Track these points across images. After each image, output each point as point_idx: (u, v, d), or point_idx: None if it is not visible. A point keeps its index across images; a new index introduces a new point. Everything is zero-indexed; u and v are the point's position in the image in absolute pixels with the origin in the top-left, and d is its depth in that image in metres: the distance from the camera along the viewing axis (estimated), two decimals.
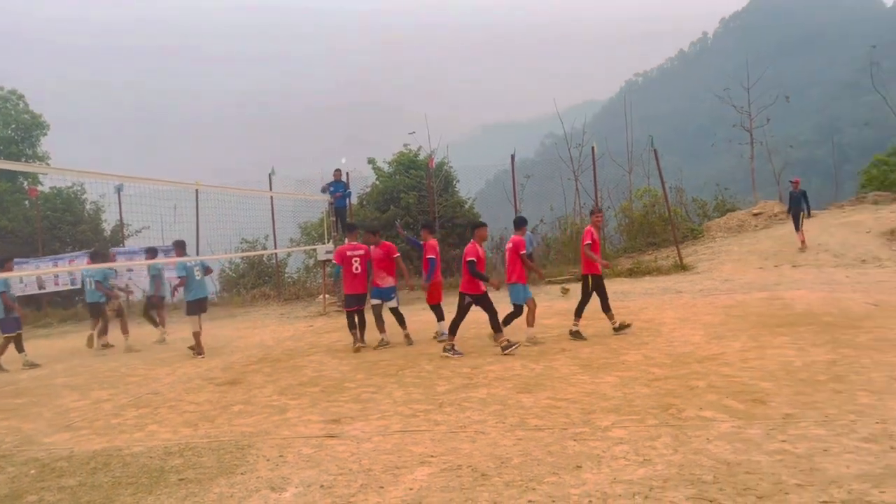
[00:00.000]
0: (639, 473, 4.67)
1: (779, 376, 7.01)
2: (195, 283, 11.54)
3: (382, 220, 21.67)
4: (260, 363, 10.27)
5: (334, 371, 9.15)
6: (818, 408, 5.85)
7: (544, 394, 6.99)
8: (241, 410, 7.36)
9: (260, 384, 8.69)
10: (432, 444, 5.63)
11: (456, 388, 7.59)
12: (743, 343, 8.78)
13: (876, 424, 5.28)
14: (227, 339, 13.36)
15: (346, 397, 7.59)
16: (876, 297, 11.64)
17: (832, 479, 4.32)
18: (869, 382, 6.50)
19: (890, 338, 8.40)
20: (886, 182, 25.05)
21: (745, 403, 6.15)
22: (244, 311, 18.12)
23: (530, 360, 8.66)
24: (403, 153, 23.44)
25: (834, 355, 7.71)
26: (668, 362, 8.03)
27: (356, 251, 10.84)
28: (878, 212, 20.61)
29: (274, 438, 6.18)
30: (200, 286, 11.66)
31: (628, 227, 21.58)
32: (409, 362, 9.26)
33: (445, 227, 21.43)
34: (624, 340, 9.59)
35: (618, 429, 5.67)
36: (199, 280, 11.65)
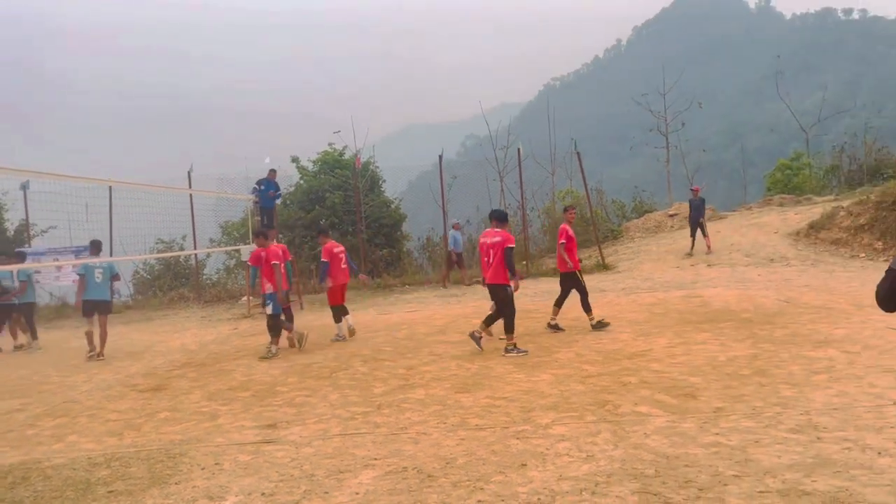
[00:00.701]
0: (583, 469, 4.74)
1: (706, 371, 7.27)
2: (93, 284, 11.34)
3: (307, 220, 21.35)
4: (184, 368, 9.90)
5: (264, 375, 8.90)
6: (745, 401, 6.10)
7: (482, 393, 7.01)
8: (169, 417, 7.06)
9: (186, 390, 8.37)
10: (375, 447, 5.55)
11: (393, 389, 7.52)
12: (669, 339, 9.07)
13: (801, 416, 5.54)
14: (146, 343, 12.82)
15: (279, 401, 7.40)
16: (786, 294, 12.27)
17: (766, 469, 4.50)
18: (790, 375, 6.83)
19: (803, 333, 8.86)
20: (790, 185, 26.50)
21: (676, 398, 6.35)
22: (162, 315, 17.43)
23: (465, 361, 8.68)
24: (328, 152, 23.15)
25: (755, 350, 8.07)
26: (600, 359, 8.21)
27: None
28: (784, 213, 21.74)
29: (207, 446, 5.95)
30: (97, 288, 11.42)
31: (551, 227, 21.96)
32: (342, 364, 9.12)
33: (372, 227, 21.28)
34: (555, 338, 9.75)
35: (558, 426, 5.75)
36: (100, 282, 11.44)
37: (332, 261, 11.17)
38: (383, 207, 22.18)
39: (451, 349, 9.49)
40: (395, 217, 22.44)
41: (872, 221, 16.99)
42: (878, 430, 5.06)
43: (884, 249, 16.02)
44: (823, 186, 26.41)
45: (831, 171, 26.82)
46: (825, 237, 17.95)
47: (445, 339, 10.37)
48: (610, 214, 24.46)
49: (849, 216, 17.91)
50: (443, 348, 9.61)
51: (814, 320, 9.62)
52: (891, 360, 7.05)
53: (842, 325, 9.10)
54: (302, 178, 23.06)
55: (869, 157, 25.08)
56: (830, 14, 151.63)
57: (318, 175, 22.73)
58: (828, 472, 4.37)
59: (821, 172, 27.33)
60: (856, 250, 16.62)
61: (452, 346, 9.74)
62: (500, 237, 8.97)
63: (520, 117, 65.31)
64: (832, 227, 18.05)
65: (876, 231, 16.70)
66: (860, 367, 6.90)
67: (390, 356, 9.39)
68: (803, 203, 23.20)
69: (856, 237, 17.09)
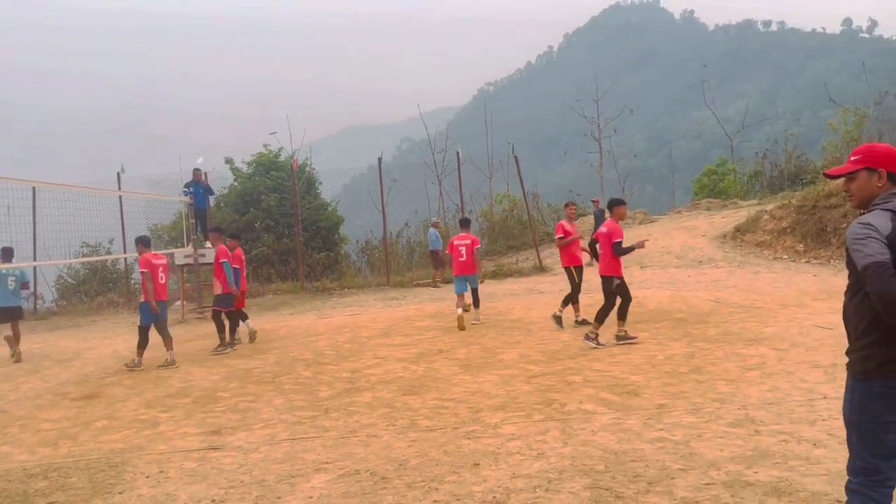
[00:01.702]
0: (535, 467, 4.82)
1: (646, 369, 7.49)
2: (5, 291, 11.40)
3: (242, 222, 20.94)
4: (118, 375, 9.56)
5: (204, 380, 8.69)
6: (686, 397, 6.31)
7: (430, 395, 7.04)
8: (106, 426, 6.81)
9: (122, 397, 8.09)
10: (325, 451, 5.50)
11: (339, 393, 7.46)
12: (609, 339, 9.28)
13: (738, 410, 5.77)
14: (75, 350, 12.32)
15: (222, 407, 7.25)
16: (716, 294, 12.74)
17: (710, 462, 4.68)
18: (725, 372, 7.10)
19: (734, 331, 9.23)
20: (716, 190, 27.52)
21: (620, 396, 6.52)
22: (90, 321, 16.78)
23: (410, 363, 8.68)
24: (263, 154, 22.78)
25: (691, 349, 8.35)
26: (544, 359, 8.35)
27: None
28: (711, 217, 22.56)
29: (150, 454, 5.78)
30: (8, 296, 11.47)
31: (489, 230, 22.20)
32: (285, 369, 8.98)
33: (309, 230, 21.04)
34: (498, 340, 9.86)
35: (508, 425, 5.82)
36: (12, 289, 11.52)
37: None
38: (320, 210, 21.97)
39: (395, 352, 9.47)
40: (333, 220, 22.26)
41: (794, 225, 17.79)
42: (811, 422, 5.32)
43: (805, 251, 16.81)
44: (747, 191, 27.54)
45: (754, 176, 27.99)
46: (750, 240, 18.70)
47: (389, 341, 10.34)
48: (545, 218, 24.85)
49: (772, 220, 18.72)
50: (387, 351, 9.59)
51: (744, 319, 10.02)
52: (818, 356, 7.41)
53: (770, 323, 9.52)
54: (236, 179, 22.61)
55: (789, 164, 26.30)
56: (751, 26, 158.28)
57: (252, 177, 22.34)
58: (768, 463, 4.57)
59: (745, 178, 28.49)
60: (779, 252, 17.37)
61: (396, 348, 9.73)
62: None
63: (455, 121, 65.84)
64: (757, 230, 18.83)
65: (797, 234, 17.50)
66: (790, 364, 7.23)
67: (333, 360, 9.30)
68: (729, 207, 24.13)
69: (779, 240, 17.87)
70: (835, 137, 24.89)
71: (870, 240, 2.79)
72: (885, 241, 2.77)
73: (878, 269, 2.73)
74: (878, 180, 2.98)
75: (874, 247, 2.77)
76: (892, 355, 2.85)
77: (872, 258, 2.75)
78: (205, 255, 15.10)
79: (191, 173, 16.47)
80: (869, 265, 2.76)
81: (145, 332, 10.02)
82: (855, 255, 2.84)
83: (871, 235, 2.80)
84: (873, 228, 2.81)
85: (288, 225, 21.18)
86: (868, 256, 2.77)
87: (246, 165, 22.76)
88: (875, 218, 2.87)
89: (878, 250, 2.75)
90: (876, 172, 2.99)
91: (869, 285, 2.77)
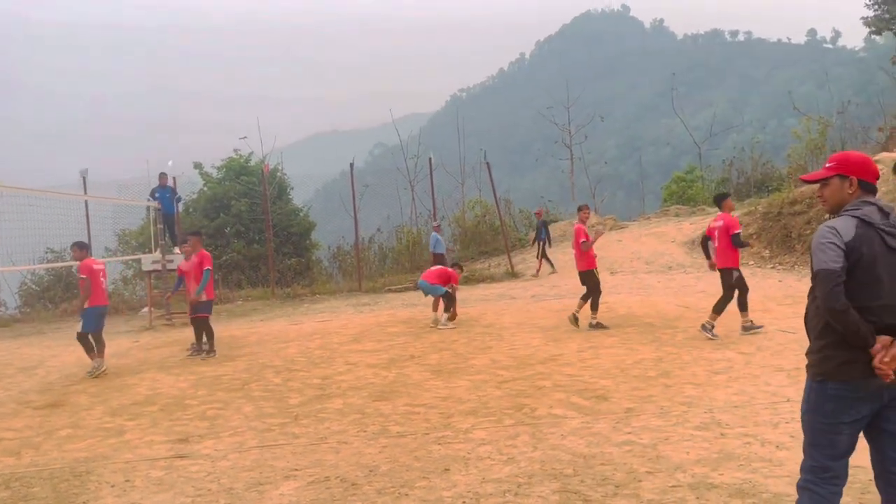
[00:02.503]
0: (505, 471, 4.84)
1: (615, 374, 7.57)
2: None
3: (211, 228, 20.74)
4: (83, 383, 9.38)
5: (171, 388, 8.58)
6: (654, 401, 6.39)
7: (401, 400, 7.03)
8: (71, 435, 6.69)
9: (87, 406, 7.94)
10: (294, 458, 5.47)
11: (309, 399, 7.42)
12: (578, 344, 9.38)
13: (705, 414, 5.86)
14: (39, 358, 12.08)
15: (189, 415, 7.15)
16: (684, 299, 12.91)
17: (676, 465, 4.74)
18: (693, 376, 7.21)
19: (702, 336, 9.35)
20: (685, 196, 27.92)
21: (589, 400, 6.58)
22: (54, 328, 16.45)
23: (381, 369, 8.67)
24: (234, 158, 22.60)
25: (659, 353, 8.46)
26: (514, 364, 8.39)
27: None
28: (680, 223, 22.87)
29: (115, 463, 5.69)
30: None
31: (461, 236, 22.26)
32: (254, 376, 8.90)
33: (280, 235, 20.90)
34: (470, 345, 9.87)
35: (478, 430, 5.84)
36: None
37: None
38: (292, 215, 21.85)
39: (366, 358, 9.44)
40: (304, 225, 22.14)
41: (760, 231, 18.11)
42: (774, 425, 5.42)
43: (770, 257, 17.12)
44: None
45: (722, 183, 28.39)
46: None
47: (360, 347, 10.30)
48: (517, 224, 24.98)
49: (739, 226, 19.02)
50: (358, 357, 9.55)
51: None
52: (782, 360, 7.55)
53: (736, 328, 9.66)
54: (206, 184, 22.40)
55: (755, 171, 26.78)
56: (719, 35, 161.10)
57: (222, 182, 22.15)
58: (732, 465, 4.65)
59: (713, 184, 28.91)
60: (745, 258, 17.58)
61: (368, 354, 9.70)
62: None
63: (428, 127, 65.90)
64: None
65: (763, 240, 17.81)
66: (756, 367, 7.36)
67: (304, 366, 9.24)
68: (697, 213, 24.48)
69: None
70: (799, 145, 25.41)
71: (828, 246, 2.93)
72: (843, 247, 2.91)
73: (825, 276, 2.91)
74: (849, 187, 3.10)
75: (829, 254, 2.91)
76: (848, 358, 2.95)
77: (825, 265, 2.92)
78: (172, 261, 14.92)
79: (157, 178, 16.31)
80: (819, 271, 2.93)
81: (85, 338, 9.85)
82: (812, 258, 2.99)
83: (831, 241, 2.93)
84: (836, 234, 2.94)
85: (258, 230, 21.03)
86: (821, 262, 2.93)
87: (216, 170, 22.56)
88: (841, 223, 3.00)
89: (832, 258, 2.90)
90: (847, 179, 3.11)
91: (816, 290, 2.96)
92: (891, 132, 22.10)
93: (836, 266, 2.89)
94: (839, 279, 2.89)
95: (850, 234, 2.94)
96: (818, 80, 70.96)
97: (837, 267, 2.89)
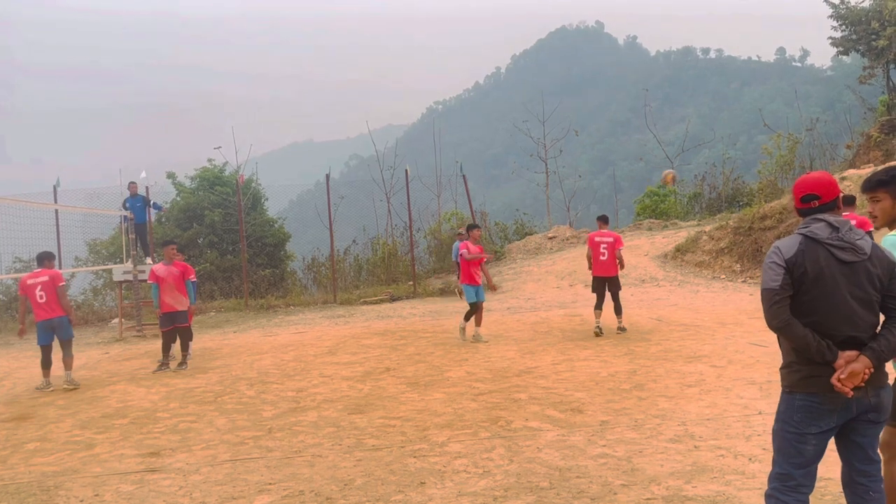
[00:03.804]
0: (481, 485, 4.84)
1: (589, 386, 7.61)
2: None
3: (184, 238, 20.50)
4: (51, 395, 9.20)
5: (143, 400, 8.45)
6: (628, 414, 6.43)
7: (376, 413, 6.99)
8: (38, 448, 6.55)
9: (55, 418, 7.80)
10: (268, 472, 5.41)
11: (283, 412, 7.35)
12: (553, 357, 9.41)
13: (678, 426, 5.91)
14: (6, 369, 11.86)
15: (161, 428, 7.05)
16: (657, 312, 13.04)
17: (651, 477, 4.78)
18: (666, 389, 7.27)
19: (675, 349, 9.46)
20: (657, 211, 28.20)
21: (564, 413, 6.61)
22: (23, 339, 16.10)
23: (357, 381, 8.62)
24: (207, 168, 22.41)
25: (633, 366, 8.52)
26: (490, 377, 8.40)
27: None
28: (652, 237, 23.10)
29: (84, 476, 5.58)
30: None
31: (437, 248, 22.25)
32: (227, 388, 8.80)
33: (254, 246, 20.74)
34: (445, 357, 9.86)
35: (454, 443, 5.83)
36: None
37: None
38: (266, 226, 21.70)
39: (341, 370, 9.39)
40: (279, 236, 22.00)
41: (731, 245, 18.37)
42: (747, 437, 5.49)
43: (741, 271, 17.37)
44: (687, 212, 28.28)
45: (694, 198, 28.77)
46: (690, 259, 19.22)
47: (335, 359, 10.24)
48: (493, 236, 25.04)
49: (710, 240, 19.29)
50: (332, 369, 9.50)
51: (683, 337, 10.28)
52: (754, 373, 7.65)
53: (708, 341, 9.79)
54: (179, 194, 22.17)
55: (727, 186, 27.15)
56: (690, 52, 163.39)
57: (196, 192, 21.93)
58: (706, 478, 4.69)
59: (685, 199, 29.26)
60: (717, 272, 17.90)
61: (343, 367, 9.64)
62: (612, 237, 11.17)
63: (404, 139, 65.94)
64: (696, 251, 19.37)
65: (734, 254, 18.07)
66: (727, 380, 7.45)
67: (278, 378, 9.17)
68: (670, 227, 24.75)
69: (717, 259, 18.42)
70: (769, 161, 25.82)
71: (768, 266, 3.14)
72: (783, 265, 3.08)
73: (764, 294, 3.13)
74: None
75: (769, 273, 3.12)
76: (813, 372, 3.06)
77: (764, 284, 3.13)
78: (144, 272, 14.72)
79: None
80: (761, 291, 3.15)
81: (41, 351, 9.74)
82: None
83: (772, 260, 3.13)
84: (778, 253, 3.12)
85: (232, 241, 20.85)
86: (763, 282, 3.15)
87: (189, 180, 22.35)
88: (785, 241, 3.17)
89: (772, 277, 3.10)
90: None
91: (762, 307, 3.15)
92: (857, 149, 22.59)
93: (775, 284, 3.08)
94: (777, 297, 3.07)
95: (791, 251, 3.10)
96: (787, 98, 72.37)
97: (776, 285, 3.08)
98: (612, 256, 11.02)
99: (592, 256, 11.26)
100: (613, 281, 11.08)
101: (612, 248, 11.04)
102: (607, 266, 11.04)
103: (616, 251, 11.02)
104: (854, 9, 23.17)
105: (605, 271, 11.05)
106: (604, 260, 11.05)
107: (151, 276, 10.66)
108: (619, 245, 11.12)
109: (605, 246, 11.07)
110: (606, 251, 11.05)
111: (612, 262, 11.02)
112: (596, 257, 11.16)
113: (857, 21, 22.95)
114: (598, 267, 11.12)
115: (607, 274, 11.04)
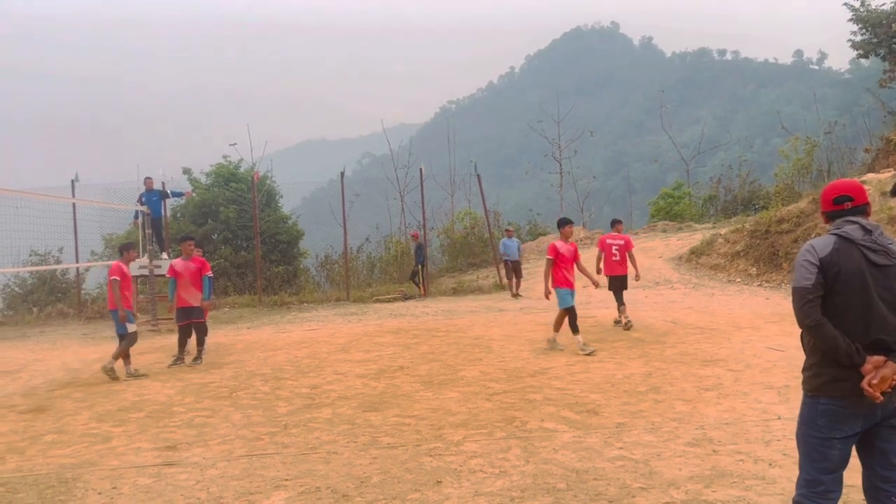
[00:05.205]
0: (497, 485, 4.81)
1: (605, 388, 7.57)
2: None
3: (199, 234, 20.60)
4: (68, 388, 9.27)
5: (158, 394, 8.49)
6: (644, 416, 6.39)
7: (391, 411, 6.99)
8: (56, 440, 6.59)
9: (72, 411, 7.84)
10: (284, 468, 5.41)
11: (298, 409, 7.36)
12: (568, 358, 9.37)
13: (696, 430, 5.87)
14: (22, 361, 11.93)
15: (177, 422, 7.08)
16: (672, 315, 12.96)
17: (670, 481, 4.74)
18: (682, 392, 7.22)
19: (690, 352, 9.39)
20: (672, 213, 28.08)
21: (580, 414, 6.57)
22: (38, 331, 16.28)
23: (371, 379, 8.62)
24: (223, 165, 22.52)
25: (648, 368, 8.47)
26: (504, 377, 8.37)
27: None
28: (667, 239, 23.01)
29: (102, 469, 5.61)
30: None
31: (450, 247, 22.26)
32: (242, 384, 8.83)
33: (268, 242, 20.81)
34: (459, 356, 9.85)
35: (469, 443, 5.81)
36: None
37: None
38: (280, 223, 21.77)
39: (355, 368, 9.39)
40: (293, 233, 22.07)
41: (747, 248, 18.24)
42: (766, 442, 5.44)
43: (757, 275, 17.23)
44: (702, 214, 28.16)
45: (709, 200, 28.65)
46: (705, 262, 19.11)
47: (349, 357, 10.26)
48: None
49: (726, 243, 19.17)
50: (346, 367, 9.51)
51: (699, 340, 10.21)
52: (772, 378, 7.59)
53: (724, 345, 9.71)
54: (194, 190, 22.28)
55: (743, 189, 27.02)
56: (707, 54, 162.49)
57: (211, 188, 22.04)
58: (725, 482, 4.65)
59: (700, 201, 29.13)
60: (732, 275, 17.78)
61: (356, 364, 9.65)
62: (623, 239, 12.07)
63: (417, 138, 65.94)
64: (711, 253, 19.25)
65: (750, 257, 17.94)
66: (745, 384, 7.39)
67: (292, 375, 9.18)
68: (684, 230, 24.64)
69: (732, 263, 18.30)
70: (786, 164, 25.63)
71: (802, 264, 3.10)
72: (817, 263, 3.05)
73: (797, 293, 3.09)
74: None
75: (802, 272, 3.09)
76: (838, 375, 3.02)
77: (797, 282, 3.10)
78: (160, 266, 14.81)
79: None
80: (793, 289, 3.12)
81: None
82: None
83: (806, 259, 3.09)
84: (812, 251, 3.09)
85: (246, 237, 20.94)
86: (795, 280, 3.12)
87: (205, 176, 22.46)
88: (820, 241, 3.14)
89: (804, 276, 3.07)
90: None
91: (793, 305, 3.12)
92: (876, 153, 22.36)
93: (808, 283, 3.05)
94: (810, 295, 3.04)
95: (826, 250, 3.07)
96: (804, 101, 71.82)
97: (809, 284, 3.04)
98: (624, 257, 11.90)
99: (605, 258, 12.03)
100: (623, 280, 11.97)
101: (623, 249, 11.93)
102: (620, 266, 11.94)
103: (627, 253, 11.88)
104: (875, 11, 22.94)
105: (619, 270, 11.95)
106: (616, 260, 11.95)
107: (170, 271, 10.72)
108: (630, 247, 12.01)
109: (617, 248, 11.97)
110: (618, 252, 11.95)
111: (623, 262, 11.91)
112: (608, 258, 11.98)
113: (877, 24, 22.73)
114: (611, 267, 11.99)
115: (620, 273, 11.91)
